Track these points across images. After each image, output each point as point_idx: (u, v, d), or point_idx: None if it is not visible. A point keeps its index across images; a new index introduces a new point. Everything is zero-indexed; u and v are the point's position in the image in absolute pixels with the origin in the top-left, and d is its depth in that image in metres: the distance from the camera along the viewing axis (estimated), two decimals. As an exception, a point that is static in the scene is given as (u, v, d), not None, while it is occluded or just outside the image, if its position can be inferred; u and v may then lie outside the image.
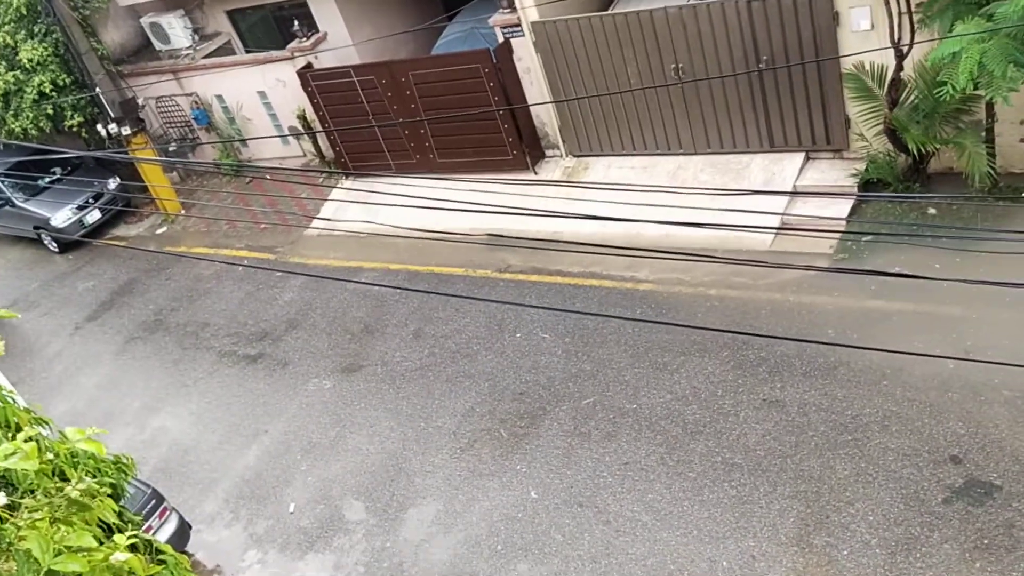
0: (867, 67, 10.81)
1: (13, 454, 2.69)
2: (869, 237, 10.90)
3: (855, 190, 11.55)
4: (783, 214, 11.20)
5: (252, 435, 11.48)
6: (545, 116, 14.20)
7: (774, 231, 10.69)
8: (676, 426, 9.43)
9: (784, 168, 12.33)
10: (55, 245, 17.51)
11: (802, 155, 12.34)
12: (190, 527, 9.81)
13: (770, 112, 12.25)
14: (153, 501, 9.13)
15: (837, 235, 11.04)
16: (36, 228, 17.35)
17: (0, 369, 10.72)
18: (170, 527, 9.20)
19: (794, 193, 11.45)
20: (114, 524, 4.37)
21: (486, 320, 11.95)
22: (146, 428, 12.20)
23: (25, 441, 2.75)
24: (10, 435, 4.88)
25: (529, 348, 11.22)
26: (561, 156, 14.51)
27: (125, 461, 6.18)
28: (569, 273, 12.34)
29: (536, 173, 14.47)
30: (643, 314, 11.18)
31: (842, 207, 11.49)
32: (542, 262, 12.59)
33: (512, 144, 14.32)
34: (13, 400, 4.77)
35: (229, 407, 12.16)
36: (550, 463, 9.56)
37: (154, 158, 16.53)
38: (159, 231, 17.54)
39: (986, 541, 7.40)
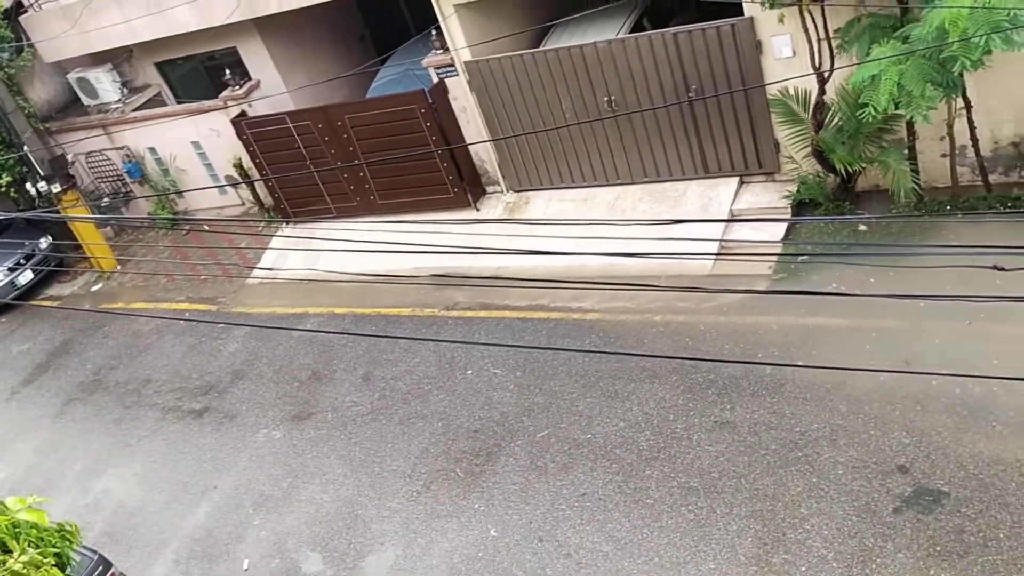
0: (792, 92, 11.18)
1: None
2: (805, 257, 11.19)
3: (788, 211, 11.87)
4: (721, 240, 11.46)
5: (201, 492, 11.18)
6: (484, 153, 14.34)
7: (713, 256, 10.91)
8: (631, 453, 9.47)
9: (720, 193, 12.62)
10: (-14, 309, 16.94)
11: (736, 180, 12.66)
12: (140, 592, 9.49)
13: (703, 139, 12.56)
14: (100, 568, 8.81)
15: (774, 257, 11.31)
16: (-35, 292, 16.78)
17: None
18: (120, 594, 8.88)
19: (730, 220, 11.73)
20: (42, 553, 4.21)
21: (436, 359, 11.90)
22: (89, 492, 11.79)
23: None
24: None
25: (481, 384, 11.19)
26: (502, 192, 14.63)
27: (69, 528, 5.98)
28: (517, 307, 12.38)
29: (478, 210, 14.56)
30: (592, 343, 11.26)
31: (778, 228, 11.80)
32: (489, 298, 12.62)
33: (452, 182, 14.39)
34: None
35: (175, 465, 11.84)
36: (508, 499, 9.51)
37: (86, 216, 16.19)
38: (94, 288, 17.13)
39: (938, 548, 7.56)
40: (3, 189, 16.60)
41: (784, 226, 11.81)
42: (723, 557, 8.13)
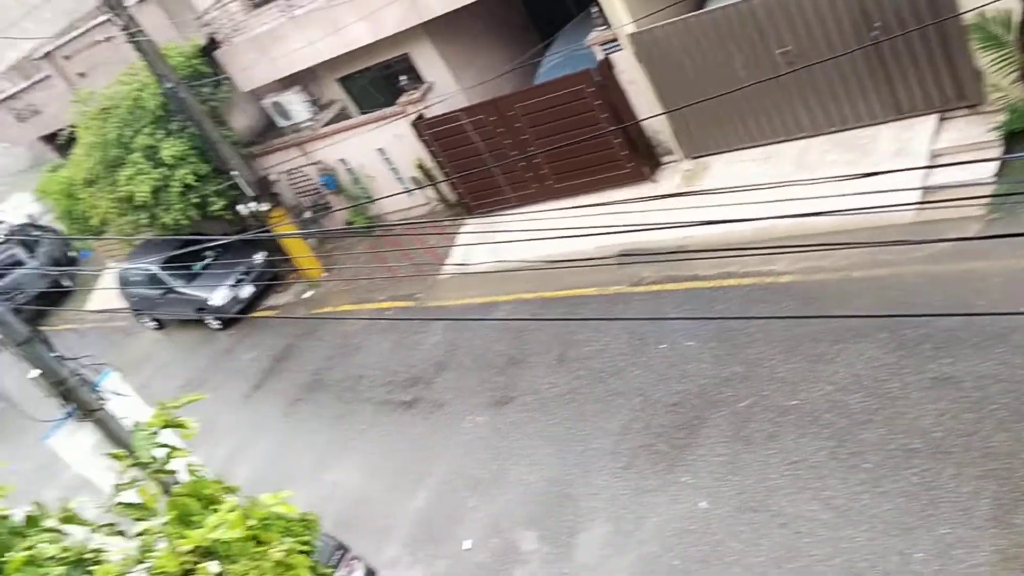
0: (991, 15, 10.19)
1: (219, 526, 2.92)
2: None
3: (999, 145, 10.85)
4: (923, 187, 10.65)
5: (418, 478, 11.83)
6: (657, 123, 14.12)
7: (915, 204, 10.17)
8: (842, 418, 9.07)
9: (916, 134, 11.74)
10: (217, 323, 18.72)
11: (934, 117, 11.72)
12: (375, 573, 10.18)
13: (892, 77, 11.71)
14: (339, 552, 9.56)
15: (987, 197, 10.38)
16: (198, 309, 18.63)
17: (188, 444, 11.54)
18: (358, 575, 9.59)
19: (932, 159, 10.88)
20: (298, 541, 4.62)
21: (628, 336, 11.91)
22: (322, 483, 12.79)
23: (228, 512, 2.98)
24: (210, 508, 5.29)
25: (676, 358, 11.09)
26: (678, 160, 14.37)
27: (310, 518, 6.56)
28: (705, 276, 12.14)
29: (655, 181, 14.38)
30: (788, 307, 10.86)
31: (988, 164, 10.81)
32: (676, 270, 12.44)
33: (627, 157, 14.31)
34: (203, 474, 5.17)
35: (392, 454, 12.60)
36: (715, 471, 9.38)
37: (293, 232, 17.45)
38: (305, 296, 18.47)
39: None
40: (219, 213, 18.24)
41: (995, 161, 10.80)
42: (956, 520, 7.62)
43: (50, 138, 22.78)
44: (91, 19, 19.38)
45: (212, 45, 17.73)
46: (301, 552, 5.56)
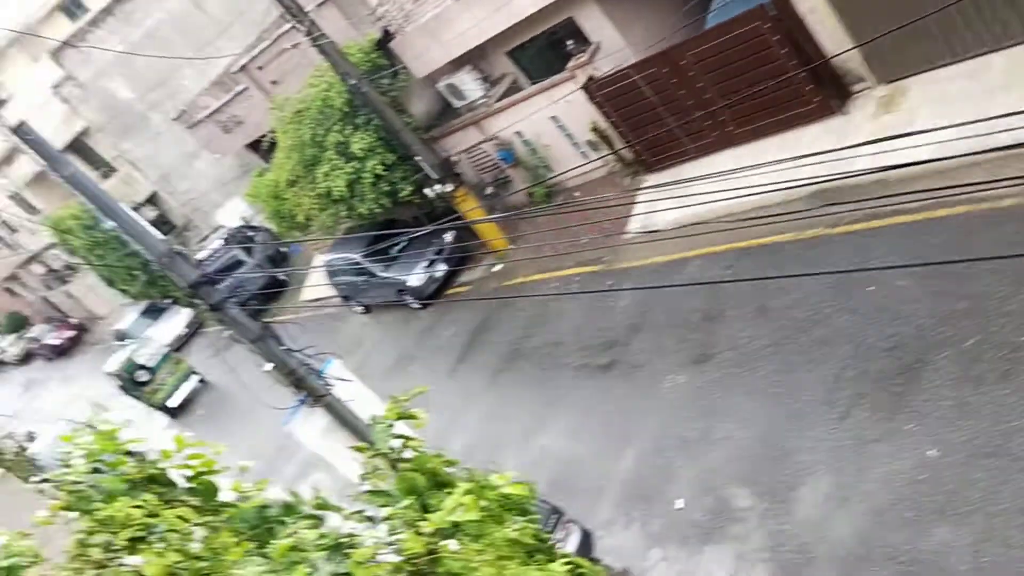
0: None
1: (456, 508, 3.10)
2: None
3: None
4: None
5: (624, 440, 11.92)
6: (843, 49, 13.19)
7: None
8: (1089, 350, 8.20)
9: None
10: (416, 303, 19.66)
11: None
12: (592, 535, 10.41)
13: (1121, -38, 10.27)
14: (555, 516, 9.85)
15: None
16: (398, 292, 19.65)
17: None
18: (575, 538, 9.84)
19: None
20: (534, 545, 4.80)
21: (831, 280, 11.30)
22: (530, 449, 13.19)
23: (464, 495, 3.16)
24: (433, 479, 5.60)
25: (886, 299, 10.43)
26: (870, 87, 13.39)
27: (528, 485, 6.79)
28: (911, 210, 11.25)
29: (847, 114, 13.50)
30: (1012, 233, 9.89)
31: None
32: (879, 204, 11.63)
33: (812, 92, 13.52)
34: (424, 450, 5.46)
35: (596, 417, 12.76)
36: (943, 416, 8.78)
37: (487, 218, 17.91)
38: (495, 269, 18.97)
39: None
40: (408, 198, 19.06)
41: None
42: None
43: (254, 145, 24.67)
44: (277, 29, 20.70)
45: (387, 37, 18.42)
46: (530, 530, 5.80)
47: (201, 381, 25.07)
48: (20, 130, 7.40)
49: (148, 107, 28.43)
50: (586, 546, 10.05)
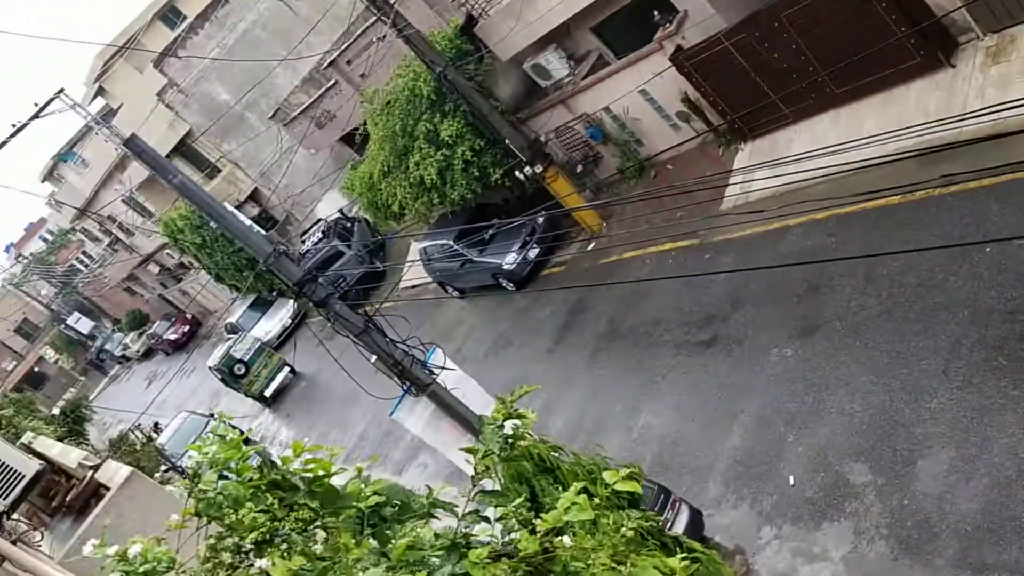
0: None
1: (569, 508, 3.10)
2: None
3: None
4: None
5: (730, 416, 11.71)
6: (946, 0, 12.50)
7: None
8: None
9: None
10: (511, 285, 19.76)
11: None
12: (701, 514, 10.30)
13: None
14: (662, 496, 9.78)
15: None
16: (493, 275, 19.78)
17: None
18: (684, 517, 9.76)
19: None
20: (643, 518, 4.74)
21: (944, 242, 10.78)
22: (633, 428, 13.12)
23: (577, 494, 3.16)
24: (541, 466, 5.62)
25: (1007, 261, 9.88)
26: (977, 38, 12.63)
27: (634, 469, 6.75)
28: (1031, 164, 10.60)
29: (953, 66, 12.79)
30: None
31: None
32: (993, 160, 10.99)
33: (915, 45, 12.85)
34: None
35: (700, 394, 12.57)
36: (1076, 383, 8.29)
37: (586, 205, 17.81)
38: (589, 248, 18.85)
39: None
40: (499, 182, 19.12)
41: None
42: None
43: (347, 139, 25.20)
44: (363, 23, 21.03)
45: (470, 22, 18.46)
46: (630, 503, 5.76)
47: (292, 372, 26.60)
48: (130, 143, 7.75)
49: (245, 107, 29.38)
50: (695, 525, 9.95)
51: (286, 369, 26.55)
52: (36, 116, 12.26)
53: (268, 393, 26.28)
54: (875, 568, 8.65)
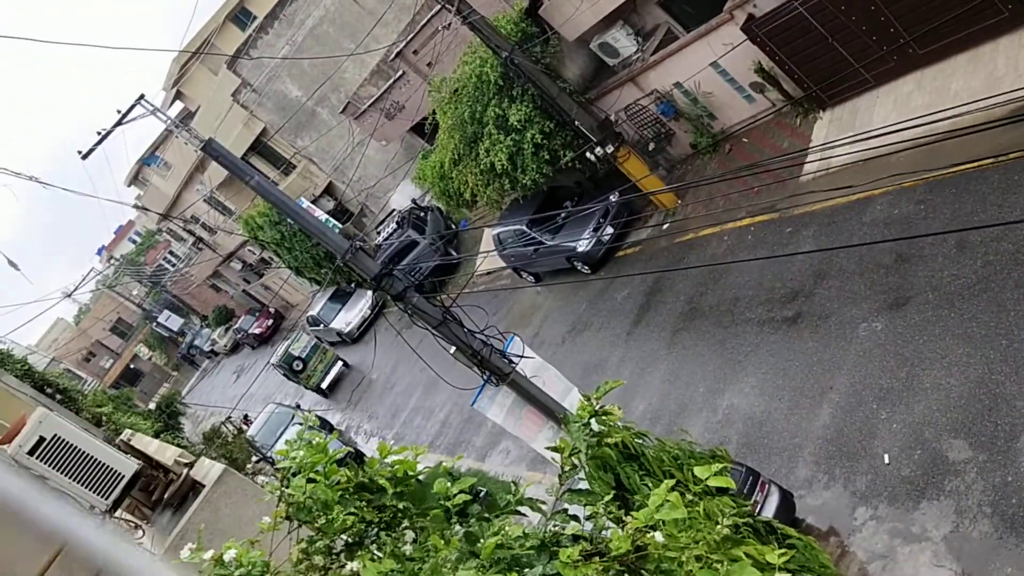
0: None
1: (661, 505, 3.02)
2: None
3: None
4: None
5: (818, 394, 11.38)
6: (1039, -52, 11.79)
7: None
8: None
9: None
10: (587, 268, 19.62)
11: None
12: (792, 495, 10.04)
13: None
14: (750, 478, 9.56)
15: None
16: (568, 258, 19.66)
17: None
18: (773, 500, 9.53)
19: None
20: (737, 514, 4.62)
21: (1043, 206, 10.24)
22: (717, 410, 12.87)
23: (668, 492, 3.07)
24: (625, 452, 5.53)
25: (1115, 222, 9.30)
26: (1076, -16, 11.87)
27: (720, 453, 6.61)
28: None
29: (1049, 17, 12.05)
30: None
31: None
32: (1094, 116, 10.35)
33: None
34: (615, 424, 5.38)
35: (786, 372, 12.24)
36: None
37: (665, 187, 17.54)
38: (664, 226, 18.56)
39: None
40: (570, 164, 18.95)
41: None
42: None
43: (416, 129, 25.37)
44: (428, 12, 21.07)
45: (535, 5, 18.30)
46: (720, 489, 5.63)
47: (346, 365, 29.25)
48: (208, 146, 7.92)
49: (316, 103, 29.87)
50: (786, 507, 9.71)
51: (339, 363, 29.19)
52: (120, 123, 12.68)
53: (324, 385, 28.78)
54: (979, 548, 8.29)
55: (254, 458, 23.18)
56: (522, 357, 8.23)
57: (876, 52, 13.91)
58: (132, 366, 61.34)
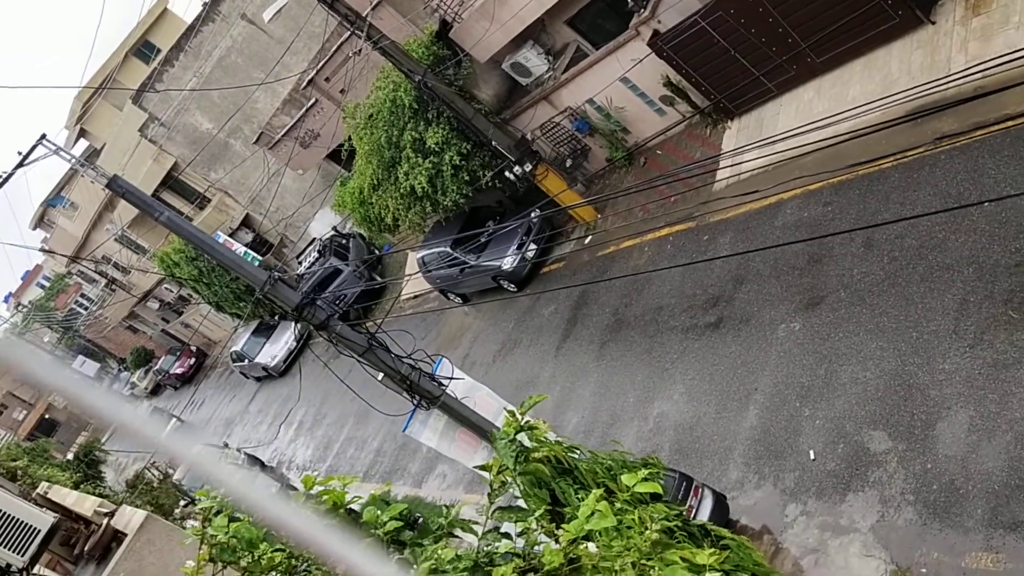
0: None
1: (591, 516, 3.03)
2: None
3: None
4: None
5: (744, 396, 11.64)
6: (920, -42, 12.42)
7: None
8: None
9: None
10: (513, 286, 19.68)
11: None
12: (725, 498, 10.21)
13: None
14: (684, 484, 9.69)
15: None
16: (493, 278, 19.70)
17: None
18: (708, 503, 9.68)
19: None
20: (667, 518, 4.67)
21: (940, 201, 10.73)
22: (648, 418, 13.03)
23: (597, 502, 3.08)
24: (558, 468, 5.54)
25: (1006, 214, 9.80)
26: (956, -9, 12.55)
27: (652, 461, 6.68)
28: (1020, 113, 10.54)
29: (933, 23, 12.70)
30: None
31: None
32: (982, 114, 10.94)
33: (893, 5, 12.77)
34: (546, 437, 5.40)
35: (712, 377, 12.49)
36: (1088, 330, 8.20)
37: (578, 204, 17.74)
38: (586, 241, 18.79)
39: None
40: (489, 184, 19.04)
41: None
42: None
43: (334, 156, 25.14)
44: (337, 38, 20.95)
45: (445, 28, 18.38)
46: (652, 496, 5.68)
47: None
48: (113, 183, 7.68)
49: (228, 134, 29.31)
50: (721, 509, 9.87)
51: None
52: (21, 164, 12.18)
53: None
54: (905, 535, 8.57)
55: (182, 502, 22.41)
56: (451, 379, 8.19)
57: (776, 62, 14.41)
58: (47, 416, 58.73)
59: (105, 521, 6.60)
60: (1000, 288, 9.28)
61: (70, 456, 33.13)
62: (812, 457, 10.01)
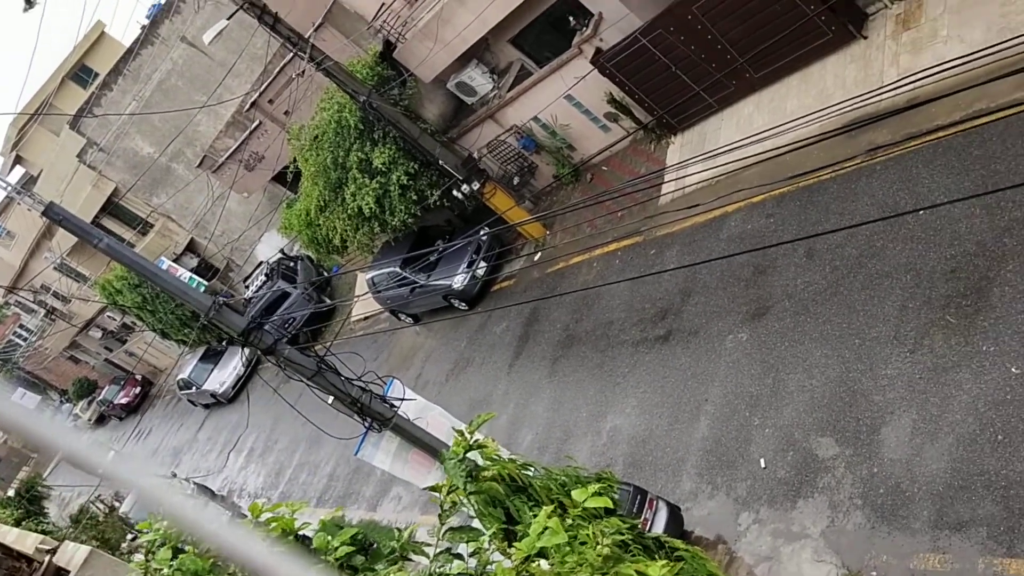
0: None
1: (543, 532, 3.02)
2: None
3: None
4: None
5: (695, 408, 11.76)
6: (850, -25, 12.81)
7: None
8: None
9: None
10: (464, 304, 19.64)
11: None
12: (679, 509, 10.28)
13: None
14: (639, 497, 9.73)
15: None
16: (444, 297, 19.65)
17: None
18: (662, 515, 9.73)
19: None
20: (620, 532, 4.69)
21: (877, 211, 11.02)
22: (601, 432, 13.08)
23: (548, 519, 3.08)
24: (513, 486, 5.53)
25: (940, 221, 10.11)
26: (886, 6, 12.98)
27: (606, 475, 6.70)
28: (949, 123, 10.89)
29: (865, 38, 13.10)
30: (1062, 130, 9.49)
31: None
32: (913, 126, 11.28)
33: (827, 20, 13.13)
34: (500, 455, 5.39)
35: (663, 389, 12.60)
36: (1020, 330, 8.47)
37: (526, 220, 17.80)
38: (536, 257, 18.86)
39: None
40: (438, 203, 19.01)
41: None
42: None
43: (279, 178, 24.89)
44: (280, 60, 20.79)
45: (389, 48, 18.37)
46: (607, 510, 5.69)
47: None
48: (49, 210, 7.49)
49: (170, 158, 28.85)
50: (675, 521, 9.93)
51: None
52: (-49, 193, 11.81)
53: None
54: (854, 539, 8.72)
55: (129, 536, 21.79)
56: (403, 400, 8.13)
57: (716, 77, 14.70)
58: (-15, 452, 56.67)
59: (47, 558, 6.38)
60: (938, 294, 9.55)
61: (11, 492, 31.98)
62: (763, 465, 10.14)
